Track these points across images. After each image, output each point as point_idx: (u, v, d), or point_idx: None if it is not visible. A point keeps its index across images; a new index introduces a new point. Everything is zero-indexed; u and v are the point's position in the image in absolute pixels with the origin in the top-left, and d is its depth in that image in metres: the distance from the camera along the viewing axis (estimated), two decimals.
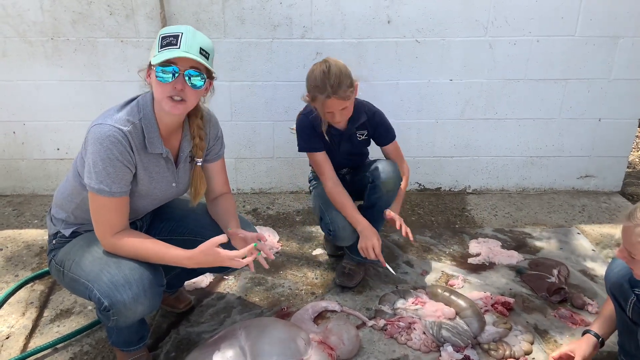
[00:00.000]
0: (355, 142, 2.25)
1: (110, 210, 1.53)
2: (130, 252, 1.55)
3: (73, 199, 1.65)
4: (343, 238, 2.18)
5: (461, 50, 2.82)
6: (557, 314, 2.07)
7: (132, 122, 1.53)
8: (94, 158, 1.48)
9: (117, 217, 1.55)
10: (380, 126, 2.23)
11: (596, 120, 3.02)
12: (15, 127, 2.94)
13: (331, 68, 1.96)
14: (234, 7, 2.70)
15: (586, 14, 2.76)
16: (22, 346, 1.91)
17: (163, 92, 1.49)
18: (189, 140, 1.69)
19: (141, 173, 1.59)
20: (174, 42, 1.46)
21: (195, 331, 1.99)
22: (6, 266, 2.37)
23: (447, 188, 3.19)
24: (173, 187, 1.71)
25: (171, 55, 1.44)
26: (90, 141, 1.49)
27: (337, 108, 2.01)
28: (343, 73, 1.97)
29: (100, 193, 1.50)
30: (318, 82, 1.97)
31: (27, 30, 2.71)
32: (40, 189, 3.09)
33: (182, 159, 1.70)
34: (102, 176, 1.49)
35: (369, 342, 1.92)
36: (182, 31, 1.48)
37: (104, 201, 1.52)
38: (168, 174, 1.67)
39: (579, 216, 2.91)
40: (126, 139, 1.50)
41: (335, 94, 1.95)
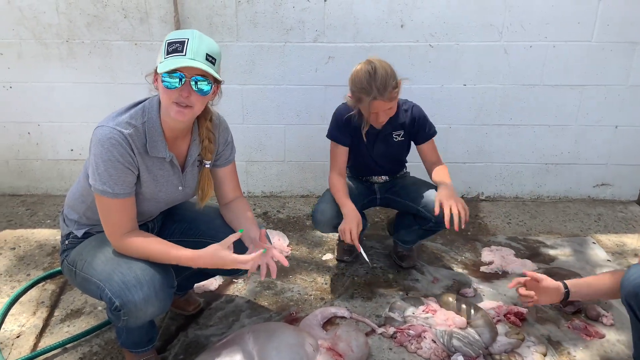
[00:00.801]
0: (391, 143, 2.23)
1: (116, 211, 1.54)
2: (138, 252, 1.55)
3: (84, 200, 1.66)
4: (319, 222, 2.19)
5: (475, 55, 2.80)
6: (571, 325, 2.03)
7: (134, 125, 1.53)
8: (96, 160, 1.49)
9: (123, 218, 1.56)
10: (420, 124, 2.19)
11: (613, 128, 2.97)
12: (30, 128, 2.97)
13: (377, 69, 1.95)
14: (246, 10, 2.70)
15: (603, 19, 2.71)
16: (33, 345, 1.92)
17: (169, 98, 1.48)
18: (197, 144, 1.68)
19: (144, 176, 1.59)
20: (180, 49, 1.45)
21: (203, 334, 1.98)
22: (18, 265, 2.39)
23: (460, 194, 3.16)
24: (180, 190, 1.71)
25: (177, 64, 1.43)
26: (93, 143, 1.51)
27: (383, 109, 2.01)
28: (388, 74, 1.96)
29: (104, 194, 1.51)
30: (364, 84, 1.95)
31: (43, 32, 2.74)
32: (53, 189, 3.12)
33: (189, 163, 1.69)
34: (104, 178, 1.50)
35: (378, 349, 1.89)
36: (188, 37, 1.46)
37: (109, 202, 1.53)
38: (174, 177, 1.67)
39: (594, 225, 2.86)
40: (126, 141, 1.50)
41: (381, 95, 1.94)
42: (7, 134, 2.98)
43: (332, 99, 2.85)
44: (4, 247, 2.54)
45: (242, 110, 2.91)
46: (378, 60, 2.00)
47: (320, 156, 3.01)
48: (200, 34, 1.50)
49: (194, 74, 1.46)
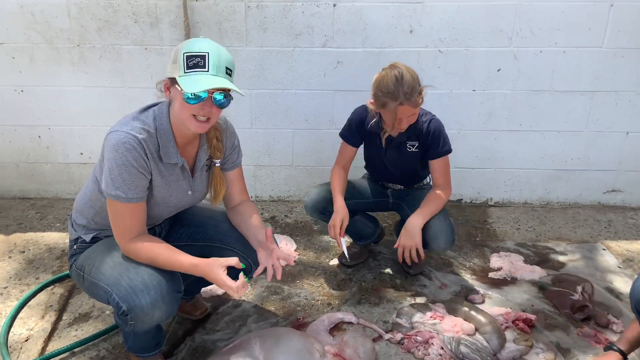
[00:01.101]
0: (403, 152, 2.21)
1: (127, 215, 1.55)
2: (145, 256, 1.56)
3: (92, 205, 1.67)
4: (306, 204, 2.30)
5: (485, 60, 2.78)
6: (581, 332, 2.01)
7: (148, 130, 1.54)
8: (109, 165, 1.50)
9: (134, 223, 1.56)
10: (434, 138, 2.15)
11: (624, 134, 2.94)
12: (41, 132, 2.99)
13: (404, 74, 1.95)
14: (256, 15, 2.71)
15: (614, 25, 2.70)
16: (41, 349, 1.93)
17: (189, 112, 1.49)
18: (205, 150, 1.70)
19: (157, 180, 1.60)
20: (202, 64, 1.44)
21: (210, 339, 1.98)
22: (27, 268, 2.41)
23: (469, 200, 3.14)
24: (189, 195, 1.72)
25: (205, 85, 1.42)
26: (107, 148, 1.51)
27: (407, 115, 2.00)
28: (414, 79, 1.97)
29: (117, 199, 1.52)
30: (390, 89, 1.95)
31: (54, 36, 2.77)
32: (63, 193, 3.14)
33: (198, 168, 1.71)
34: (118, 182, 1.50)
35: (385, 355, 1.88)
36: (208, 51, 1.46)
37: (121, 207, 1.53)
38: (184, 182, 1.68)
39: (604, 232, 2.83)
40: (141, 146, 1.51)
41: (408, 100, 1.94)
42: (18, 137, 3.00)
43: (341, 104, 2.87)
44: (13, 250, 2.56)
45: (250, 114, 2.92)
46: (404, 65, 1.99)
47: (328, 161, 3.00)
48: (217, 45, 1.50)
49: (216, 90, 1.47)
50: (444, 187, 2.21)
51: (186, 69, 1.45)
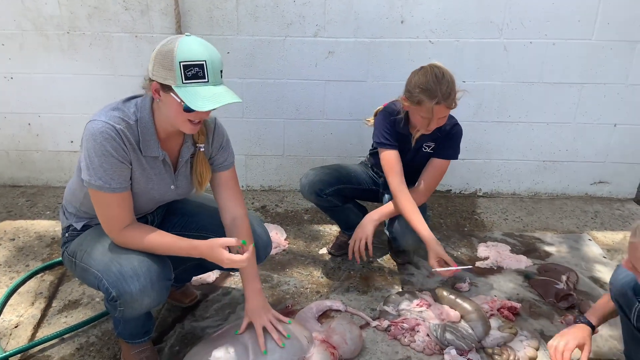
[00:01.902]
0: (420, 154, 2.20)
1: (115, 205, 1.54)
2: (137, 244, 1.56)
3: (77, 195, 1.67)
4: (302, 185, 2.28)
5: (475, 51, 2.80)
6: (564, 320, 2.05)
7: (127, 122, 1.51)
8: (89, 154, 1.48)
9: (121, 212, 1.56)
10: (447, 140, 2.14)
11: (612, 126, 2.97)
12: (31, 119, 2.98)
13: (445, 74, 1.93)
14: (247, 4, 2.71)
15: (604, 17, 2.72)
16: (30, 335, 1.94)
17: (185, 117, 1.48)
18: (189, 146, 1.67)
19: (137, 172, 1.58)
20: (201, 75, 1.41)
21: (200, 326, 2.00)
22: (17, 256, 2.41)
23: (458, 190, 3.17)
24: (172, 189, 1.70)
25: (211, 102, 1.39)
26: (85, 137, 1.49)
27: (440, 115, 1.97)
28: (453, 81, 1.95)
29: (101, 189, 1.50)
30: (430, 85, 1.91)
31: (44, 23, 2.75)
32: (53, 181, 3.14)
33: (181, 163, 1.68)
34: (99, 173, 1.48)
35: (372, 342, 1.91)
36: (205, 59, 1.41)
37: (106, 197, 1.52)
38: (166, 176, 1.66)
39: (591, 222, 2.87)
40: (119, 136, 1.48)
41: (445, 100, 1.91)
42: (7, 124, 2.99)
43: (332, 94, 2.88)
44: (3, 237, 2.56)
45: (241, 104, 2.92)
46: (443, 66, 1.97)
47: (319, 151, 3.02)
48: (207, 45, 1.45)
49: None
50: (423, 192, 2.18)
51: (184, 79, 1.41)
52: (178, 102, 1.43)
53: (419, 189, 2.19)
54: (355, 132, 2.97)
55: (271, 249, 1.96)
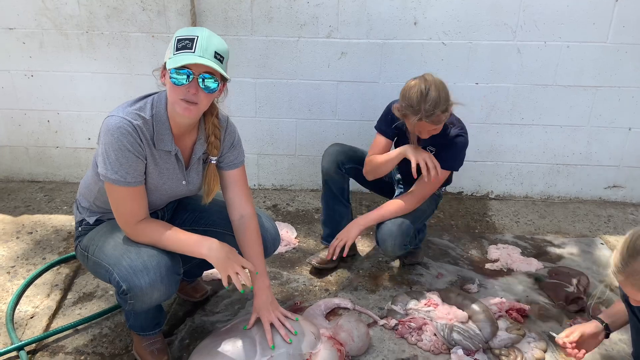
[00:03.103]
0: None
1: (129, 199, 1.58)
2: (152, 239, 1.60)
3: (92, 189, 1.71)
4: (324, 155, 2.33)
5: (488, 53, 2.80)
6: (573, 323, 2.04)
7: (143, 117, 1.56)
8: (106, 149, 1.52)
9: (136, 206, 1.60)
10: (448, 149, 2.11)
11: (626, 130, 2.95)
12: (50, 116, 3.05)
13: (430, 91, 1.89)
14: (262, 5, 2.74)
15: (619, 20, 2.70)
16: (45, 326, 2.00)
17: (176, 95, 1.50)
18: (202, 142, 1.70)
19: (151, 167, 1.62)
20: (189, 46, 1.47)
21: (209, 320, 2.04)
22: (35, 249, 2.47)
23: (469, 192, 3.16)
24: (183, 185, 1.73)
25: (186, 60, 1.45)
26: (102, 132, 1.54)
27: (427, 129, 1.98)
28: (441, 97, 1.90)
29: (117, 183, 1.54)
30: (413, 103, 1.90)
31: (64, 23, 2.82)
32: (71, 177, 3.20)
33: (194, 160, 1.71)
34: (116, 167, 1.52)
35: (379, 340, 1.93)
36: (198, 34, 1.48)
37: (121, 191, 1.56)
38: (178, 171, 1.69)
39: (604, 227, 2.85)
40: (135, 131, 1.53)
41: (427, 118, 1.89)
42: (27, 121, 3.06)
43: (344, 95, 2.90)
44: (21, 231, 2.62)
45: (254, 103, 2.96)
46: (434, 79, 1.95)
47: None
48: (210, 32, 1.52)
49: (201, 72, 1.48)
50: (411, 201, 2.14)
51: (175, 50, 1.48)
52: (168, 73, 1.49)
53: (408, 197, 2.15)
54: (367, 133, 2.97)
55: (279, 243, 1.98)
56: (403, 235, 2.08)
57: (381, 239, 2.12)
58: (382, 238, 2.11)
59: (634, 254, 1.30)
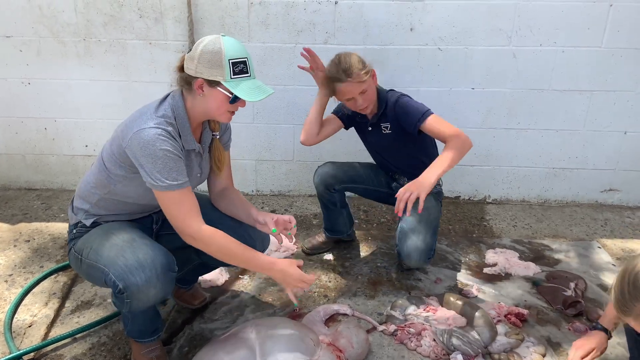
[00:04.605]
0: (381, 135, 2.26)
1: (187, 199, 1.62)
2: (221, 246, 1.64)
3: (97, 191, 1.72)
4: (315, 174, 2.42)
5: (484, 58, 2.82)
6: (572, 327, 2.04)
7: (170, 123, 1.63)
8: (150, 159, 1.55)
9: (194, 205, 1.64)
10: (402, 115, 2.13)
11: (622, 134, 2.96)
12: (47, 124, 3.05)
13: (341, 57, 2.08)
14: (259, 12, 2.75)
15: (613, 25, 2.72)
16: (44, 335, 1.98)
17: (226, 108, 1.65)
18: (208, 131, 1.81)
19: None
20: (245, 70, 1.60)
21: (208, 327, 2.03)
22: (32, 257, 2.47)
23: (467, 197, 3.18)
24: (198, 177, 1.83)
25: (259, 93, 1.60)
26: (141, 146, 1.54)
27: (356, 92, 2.07)
28: (354, 58, 2.06)
29: (170, 189, 1.58)
30: (332, 73, 2.07)
31: (61, 30, 2.82)
32: (68, 184, 3.20)
33: (204, 150, 1.81)
34: (165, 173, 1.56)
35: (378, 346, 1.93)
36: (246, 56, 1.61)
37: (177, 195, 1.60)
38: (195, 164, 1.78)
39: (600, 230, 2.86)
40: (171, 136, 1.60)
41: (349, 77, 2.03)
42: (24, 129, 3.06)
43: None
44: (19, 239, 2.62)
45: (252, 109, 2.96)
46: (344, 52, 2.13)
47: (328, 157, 3.04)
48: (243, 44, 1.64)
49: None
50: (453, 136, 2.04)
51: (232, 74, 1.58)
52: (225, 94, 1.60)
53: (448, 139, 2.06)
54: None
55: (269, 242, 2.03)
56: (427, 249, 2.15)
57: (406, 253, 2.14)
58: (407, 253, 2.13)
59: (634, 296, 1.27)
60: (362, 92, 2.08)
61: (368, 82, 2.09)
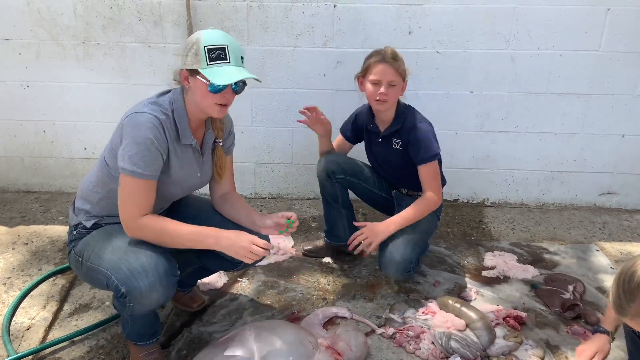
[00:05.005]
0: (390, 149, 2.25)
1: (140, 192, 1.61)
2: (155, 233, 1.62)
3: (98, 190, 1.73)
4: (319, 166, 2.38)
5: (482, 62, 2.82)
6: (570, 330, 2.05)
7: (166, 113, 1.64)
8: (130, 141, 1.57)
9: (144, 200, 1.63)
10: (415, 142, 2.14)
11: (620, 137, 2.97)
12: (46, 126, 3.05)
13: (393, 49, 2.14)
14: (257, 15, 2.76)
15: (611, 28, 2.73)
16: (42, 337, 1.98)
17: (212, 100, 1.63)
18: (211, 133, 1.81)
19: (174, 160, 1.69)
20: (223, 56, 1.58)
21: (207, 330, 2.03)
22: (31, 260, 2.46)
23: (465, 200, 3.18)
24: (198, 177, 1.82)
25: (232, 77, 1.57)
26: (128, 127, 1.59)
27: (387, 78, 2.08)
28: (400, 55, 2.13)
29: (133, 175, 1.58)
30: (378, 52, 2.13)
31: (60, 33, 2.82)
32: (67, 187, 3.20)
33: (206, 150, 1.82)
34: (136, 159, 1.57)
35: (377, 349, 1.93)
36: (226, 43, 1.59)
37: (136, 183, 1.60)
38: (195, 163, 1.78)
39: (599, 233, 2.87)
40: (161, 126, 1.61)
41: (394, 60, 2.07)
42: (23, 131, 3.06)
43: (340, 104, 2.91)
44: (17, 242, 2.61)
45: (251, 112, 2.97)
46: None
47: None
48: (228, 35, 1.63)
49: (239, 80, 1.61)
50: (428, 196, 2.16)
51: (209, 61, 1.57)
52: (204, 83, 1.58)
53: (425, 195, 2.17)
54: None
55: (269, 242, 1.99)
56: (405, 263, 2.10)
57: (384, 265, 2.14)
58: (384, 265, 2.13)
59: (630, 296, 1.28)
60: (391, 83, 2.08)
61: (399, 82, 2.12)
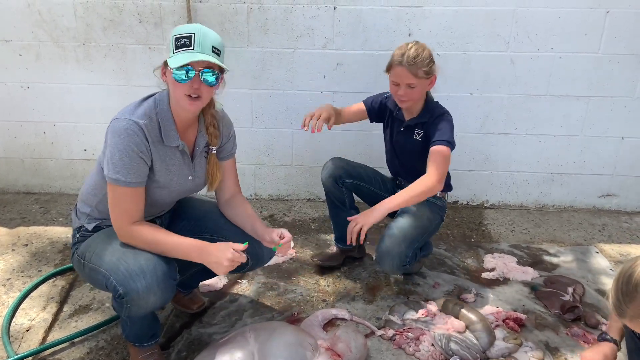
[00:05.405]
0: (410, 139, 2.23)
1: (127, 200, 1.61)
2: (146, 241, 1.62)
3: (96, 193, 1.74)
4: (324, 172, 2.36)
5: (482, 64, 2.83)
6: (570, 332, 2.05)
7: (149, 116, 1.62)
8: (111, 149, 1.58)
9: (133, 207, 1.63)
10: (435, 127, 2.12)
11: (619, 139, 2.98)
12: (46, 128, 3.05)
13: (416, 45, 2.07)
14: (258, 17, 2.77)
15: (610, 31, 2.74)
16: (42, 339, 1.98)
17: (181, 91, 1.58)
18: (204, 135, 1.78)
19: (158, 164, 1.67)
20: (188, 43, 1.54)
21: (206, 332, 2.03)
22: (30, 261, 2.46)
23: (465, 202, 3.18)
24: (190, 180, 1.79)
25: (188, 58, 1.52)
26: (109, 134, 1.60)
27: (404, 81, 2.06)
28: (425, 54, 2.06)
29: (117, 183, 1.59)
30: (396, 51, 2.09)
31: (61, 35, 2.83)
32: (66, 188, 3.20)
33: (197, 153, 1.78)
34: (118, 167, 1.57)
35: (376, 351, 1.93)
36: (194, 31, 1.55)
37: (121, 191, 1.60)
38: (184, 167, 1.75)
39: (598, 235, 2.87)
40: (142, 131, 1.59)
41: (408, 64, 2.02)
42: (23, 132, 3.06)
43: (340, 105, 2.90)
44: (17, 243, 2.61)
45: (251, 114, 2.97)
46: (422, 44, 2.11)
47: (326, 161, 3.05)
48: (205, 27, 1.59)
49: (202, 67, 1.56)
50: (429, 177, 2.06)
51: (174, 49, 1.55)
52: (170, 72, 1.56)
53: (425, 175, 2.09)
54: (363, 143, 3.00)
55: (273, 254, 1.99)
56: (401, 257, 2.08)
57: (379, 258, 2.13)
58: (380, 257, 2.13)
59: (628, 297, 1.28)
60: (409, 84, 2.07)
61: (422, 82, 2.08)
